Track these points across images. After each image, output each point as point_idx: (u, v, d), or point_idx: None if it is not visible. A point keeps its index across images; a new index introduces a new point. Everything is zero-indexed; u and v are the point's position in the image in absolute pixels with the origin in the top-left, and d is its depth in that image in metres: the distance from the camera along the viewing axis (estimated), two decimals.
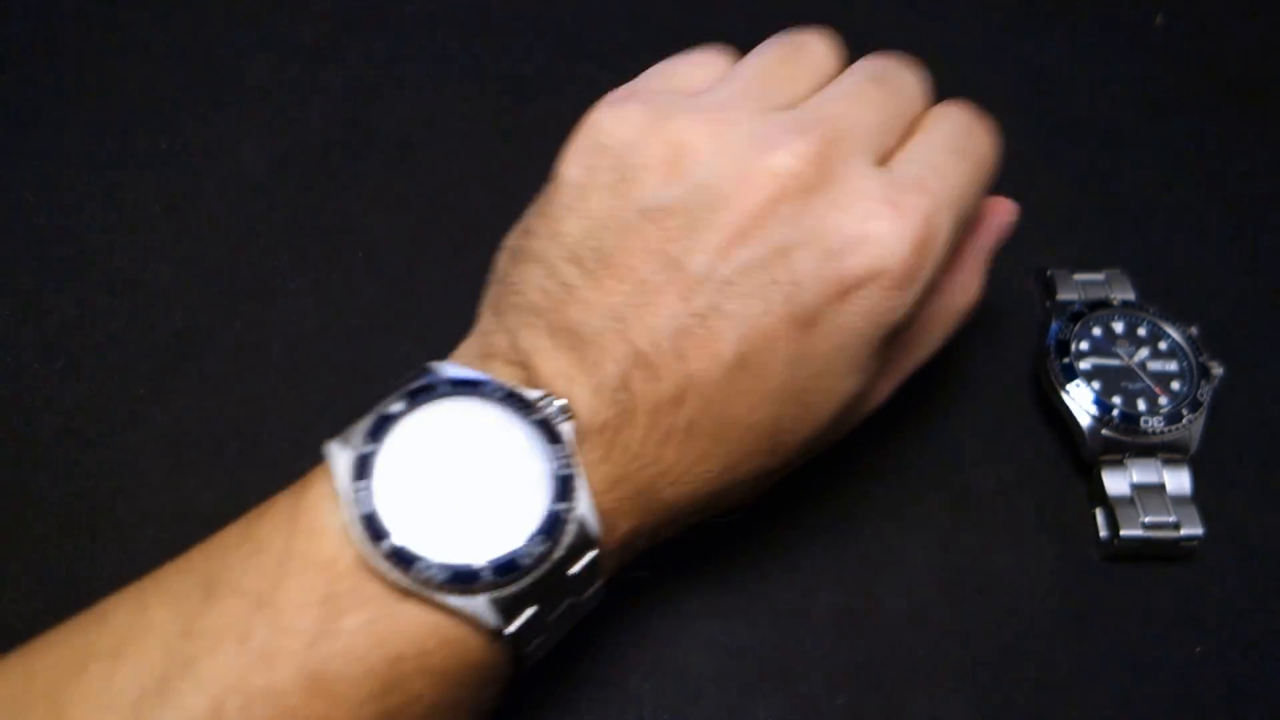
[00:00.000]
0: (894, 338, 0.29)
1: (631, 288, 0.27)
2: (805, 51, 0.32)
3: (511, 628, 0.24)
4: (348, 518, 0.23)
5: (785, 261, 0.27)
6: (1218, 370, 0.38)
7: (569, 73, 0.46)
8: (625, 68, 0.47)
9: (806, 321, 0.27)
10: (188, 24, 0.45)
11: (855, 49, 0.49)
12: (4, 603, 0.33)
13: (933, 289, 0.30)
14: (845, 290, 0.27)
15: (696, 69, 0.32)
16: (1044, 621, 0.35)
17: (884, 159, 0.30)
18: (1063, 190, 0.45)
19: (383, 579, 0.23)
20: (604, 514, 0.26)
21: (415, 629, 0.23)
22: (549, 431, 0.25)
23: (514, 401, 0.25)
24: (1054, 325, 0.39)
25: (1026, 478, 0.38)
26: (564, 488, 0.24)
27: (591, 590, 0.26)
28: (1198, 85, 0.50)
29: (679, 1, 0.50)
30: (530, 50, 0.47)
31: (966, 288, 0.33)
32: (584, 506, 0.25)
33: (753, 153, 0.27)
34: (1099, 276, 0.41)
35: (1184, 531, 0.35)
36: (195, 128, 0.42)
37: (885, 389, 0.32)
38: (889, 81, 0.31)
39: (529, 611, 0.24)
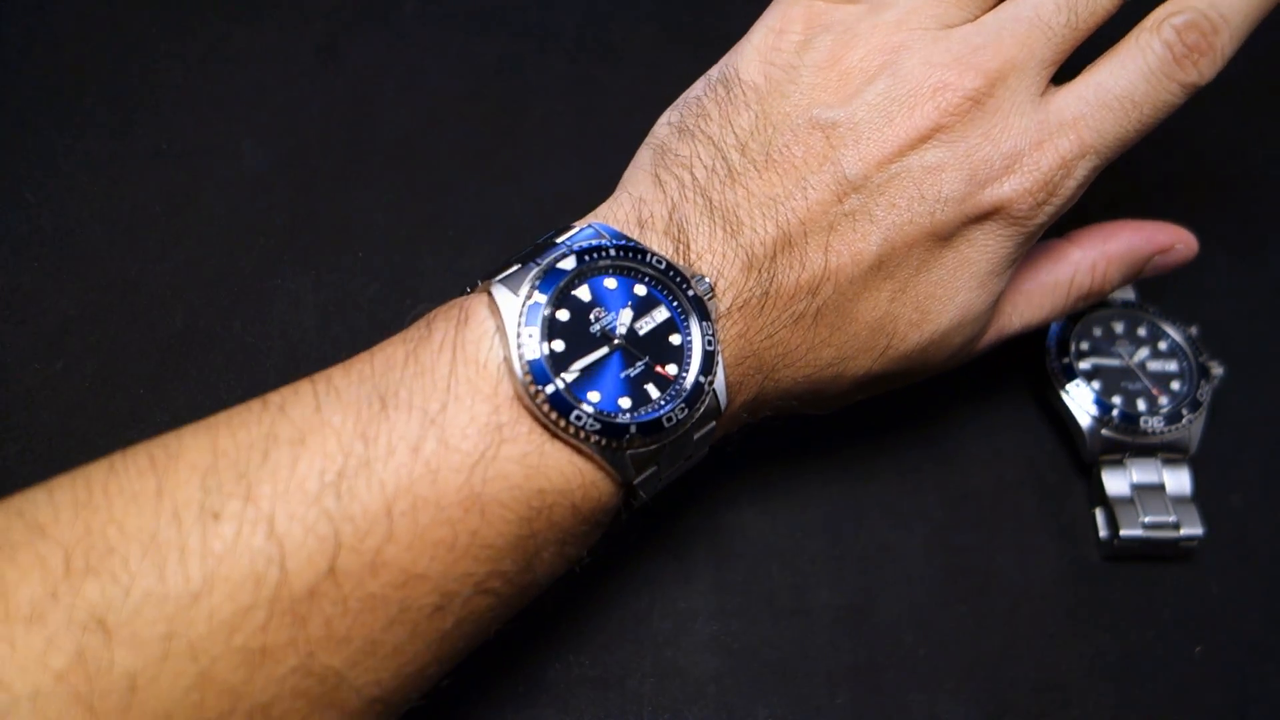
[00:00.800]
0: (1011, 265, 0.32)
1: (792, 183, 0.29)
2: None
3: (638, 480, 0.27)
4: (514, 361, 0.25)
5: (934, 180, 0.30)
6: (1218, 370, 0.38)
7: (569, 73, 0.46)
8: (626, 67, 0.47)
9: (942, 236, 0.30)
10: (187, 24, 0.45)
11: None
12: None
13: (1067, 261, 0.34)
14: (979, 216, 0.30)
15: None
16: (1044, 621, 0.35)
17: (1057, 74, 0.31)
18: None
19: (539, 419, 0.25)
20: (729, 387, 0.28)
21: (561, 467, 0.25)
22: (700, 308, 0.27)
23: (672, 274, 0.27)
24: (1054, 325, 0.39)
25: (1026, 478, 0.38)
26: (708, 362, 0.27)
27: (699, 454, 0.29)
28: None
29: (678, 3, 0.50)
30: (530, 50, 0.47)
31: (1101, 274, 0.36)
32: (719, 380, 0.27)
33: (922, 81, 0.30)
34: None
35: (1184, 531, 0.35)
36: (195, 128, 0.42)
37: (988, 337, 0.34)
38: (1079, 9, 0.32)
39: (651, 469, 0.27)
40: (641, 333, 0.27)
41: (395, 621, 0.24)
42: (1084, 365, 0.38)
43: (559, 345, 0.26)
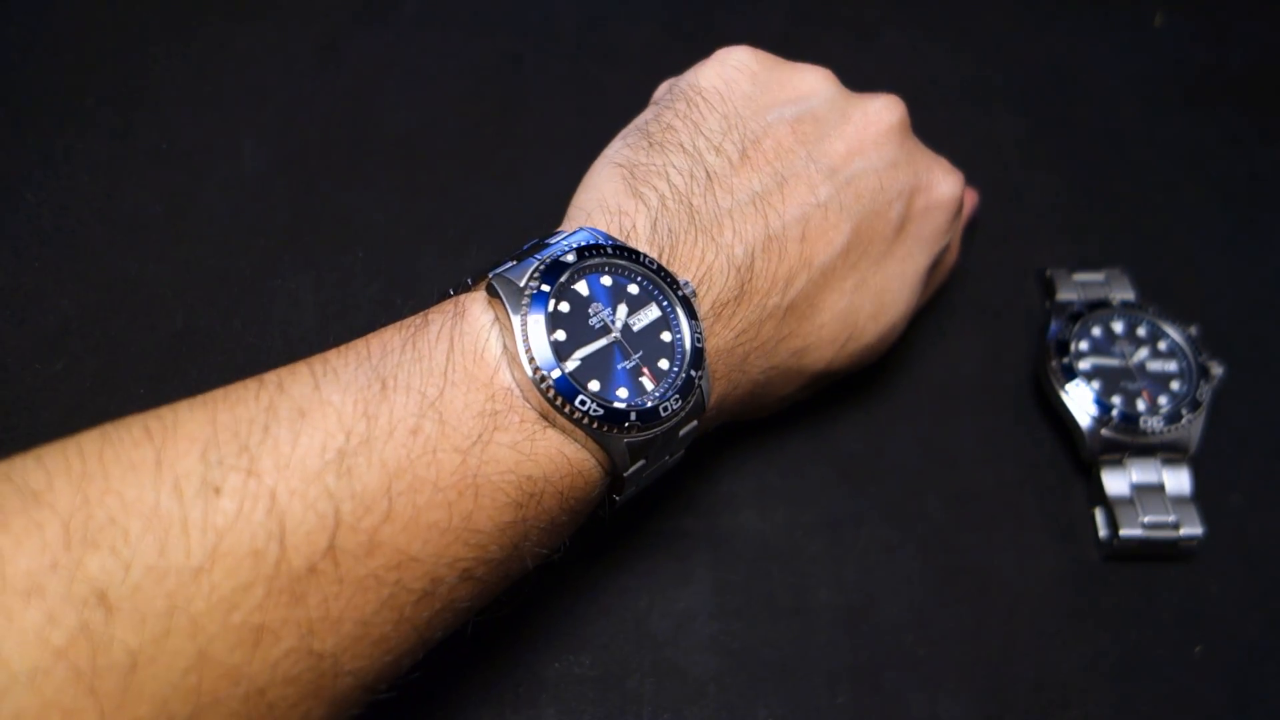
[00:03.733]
0: (934, 265, 0.36)
1: (767, 177, 0.32)
2: None
3: (628, 472, 0.27)
4: (520, 346, 0.25)
5: (893, 174, 0.34)
6: (1218, 370, 0.38)
7: (569, 72, 0.46)
8: (626, 67, 0.47)
9: (898, 225, 0.34)
10: (187, 24, 0.45)
11: (856, 46, 0.50)
12: None
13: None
14: (928, 208, 0.35)
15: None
16: (1044, 621, 0.35)
17: None
18: (1063, 190, 0.45)
19: (534, 406, 0.26)
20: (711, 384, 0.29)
21: (553, 454, 0.26)
22: (689, 307, 0.28)
23: (663, 275, 0.28)
24: (1054, 325, 0.39)
25: (1026, 478, 0.38)
26: (698, 357, 0.28)
27: (678, 455, 0.30)
28: (1198, 85, 0.50)
29: (678, 3, 0.50)
30: (530, 50, 0.47)
31: (953, 249, 0.40)
32: (706, 378, 0.28)
33: (865, 96, 0.35)
34: (1099, 276, 0.41)
35: (1184, 531, 0.35)
36: (195, 128, 0.42)
37: (903, 325, 0.37)
38: None
39: (640, 462, 0.28)
40: (636, 328, 0.28)
41: (385, 605, 0.24)
42: (1084, 365, 0.38)
43: (560, 335, 0.26)
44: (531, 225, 0.42)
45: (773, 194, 0.31)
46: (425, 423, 0.24)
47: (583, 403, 0.26)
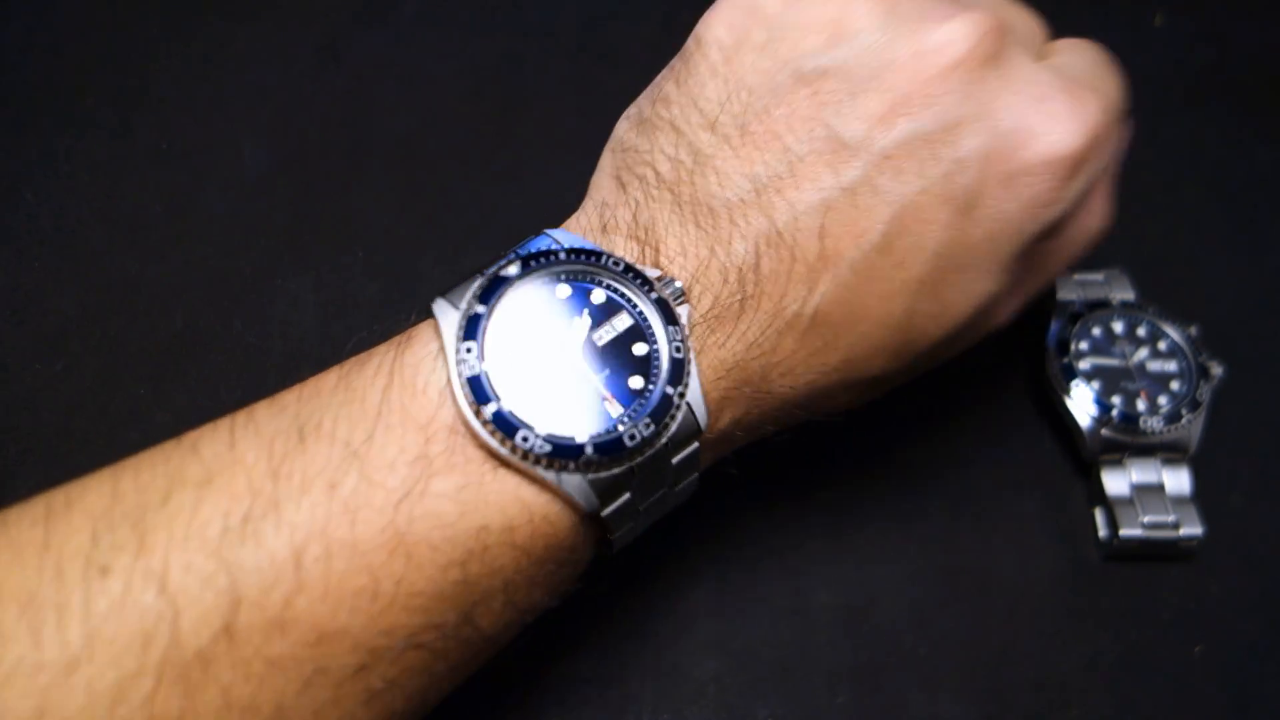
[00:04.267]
0: (1043, 241, 0.27)
1: (774, 157, 0.25)
2: None
3: (606, 511, 0.23)
4: (453, 378, 0.22)
5: (951, 137, 0.25)
6: (1218, 370, 0.38)
7: (569, 73, 0.46)
8: (626, 67, 0.47)
9: (964, 205, 0.25)
10: (187, 24, 0.45)
11: None
12: None
13: (1085, 197, 0.28)
14: (1011, 175, 0.25)
15: None
16: (1044, 621, 0.35)
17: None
18: None
19: (479, 445, 0.22)
20: (711, 402, 0.25)
21: (505, 501, 0.22)
22: (666, 312, 0.24)
23: (632, 276, 0.24)
24: (1054, 325, 0.39)
25: (1026, 478, 0.38)
26: (677, 371, 0.23)
27: (686, 482, 0.25)
28: (1198, 85, 0.50)
29: (678, 3, 0.50)
30: (530, 50, 0.47)
31: (1099, 211, 0.31)
32: (694, 393, 0.24)
33: (927, 18, 0.25)
34: (1099, 276, 0.41)
35: (1184, 531, 0.35)
36: (195, 128, 0.42)
37: (1011, 306, 0.30)
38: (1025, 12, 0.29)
39: (623, 497, 0.23)
40: (601, 343, 0.24)
41: (310, 684, 0.21)
42: (1084, 365, 0.38)
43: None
44: (532, 225, 0.42)
45: (781, 178, 0.25)
46: (346, 477, 0.21)
47: (525, 439, 0.22)
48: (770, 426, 0.28)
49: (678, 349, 0.24)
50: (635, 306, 0.24)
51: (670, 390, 0.23)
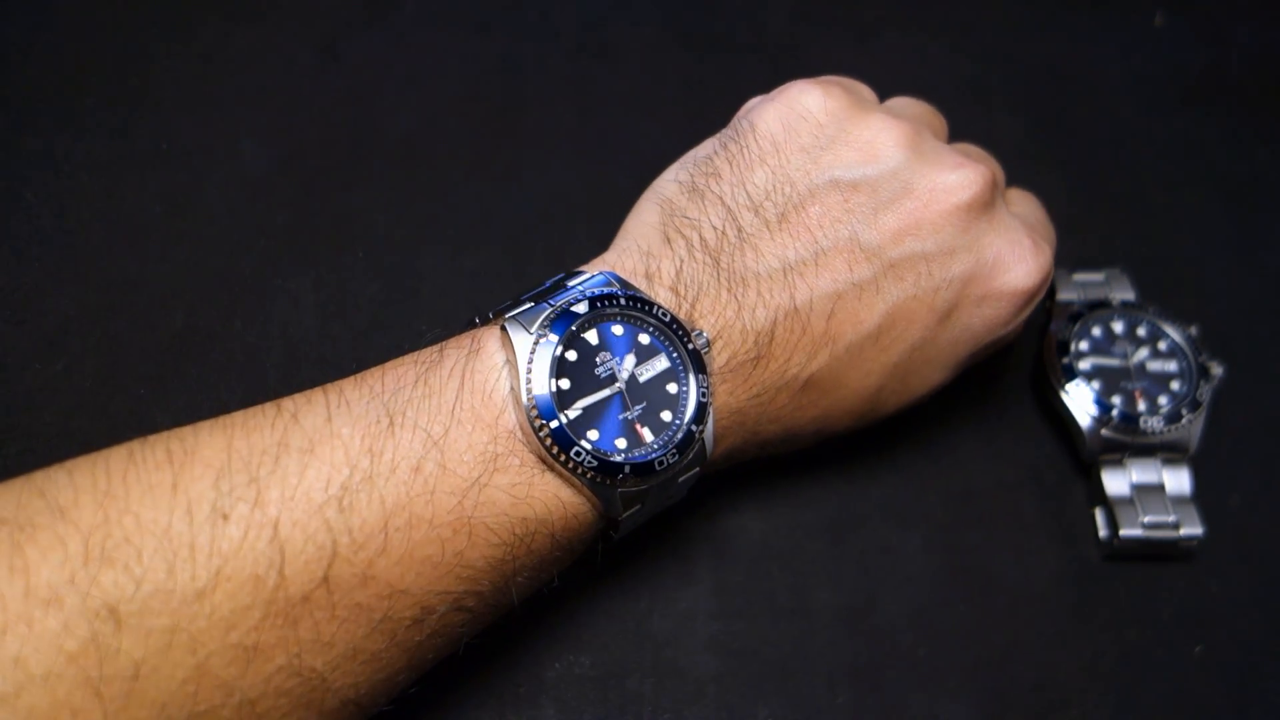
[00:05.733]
0: (984, 349, 0.34)
1: (804, 246, 0.30)
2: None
3: (623, 516, 0.28)
4: (523, 394, 0.26)
5: (945, 260, 0.31)
6: (1218, 370, 0.38)
7: (569, 73, 0.46)
8: (626, 67, 0.47)
9: (943, 314, 0.31)
10: (187, 24, 0.45)
11: (856, 47, 0.50)
12: None
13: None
14: (984, 297, 0.32)
15: (865, 90, 0.36)
16: (1044, 621, 0.35)
17: None
18: (1063, 190, 0.45)
19: (534, 450, 0.26)
20: (714, 436, 0.29)
21: (548, 498, 0.27)
22: (698, 362, 0.28)
23: (675, 327, 0.28)
24: (1054, 325, 0.39)
25: (1026, 478, 0.38)
26: (700, 412, 0.28)
27: (678, 499, 0.30)
28: (1198, 85, 0.50)
29: (678, 3, 0.50)
30: (530, 50, 0.47)
31: (1016, 330, 0.37)
32: (709, 430, 0.28)
33: (944, 165, 0.32)
34: (1099, 277, 0.41)
35: (1184, 531, 0.35)
36: (195, 128, 0.42)
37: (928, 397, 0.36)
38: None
39: (636, 507, 0.28)
40: (642, 379, 0.28)
41: (376, 630, 0.25)
42: (1084, 365, 0.38)
43: (565, 383, 0.27)
44: (532, 225, 0.42)
45: (806, 264, 0.30)
46: (427, 462, 0.25)
47: (578, 454, 0.26)
48: (741, 458, 0.33)
49: (703, 394, 0.28)
50: (673, 352, 0.28)
51: (694, 429, 0.28)
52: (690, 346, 0.28)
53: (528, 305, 0.28)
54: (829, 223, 0.30)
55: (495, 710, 0.32)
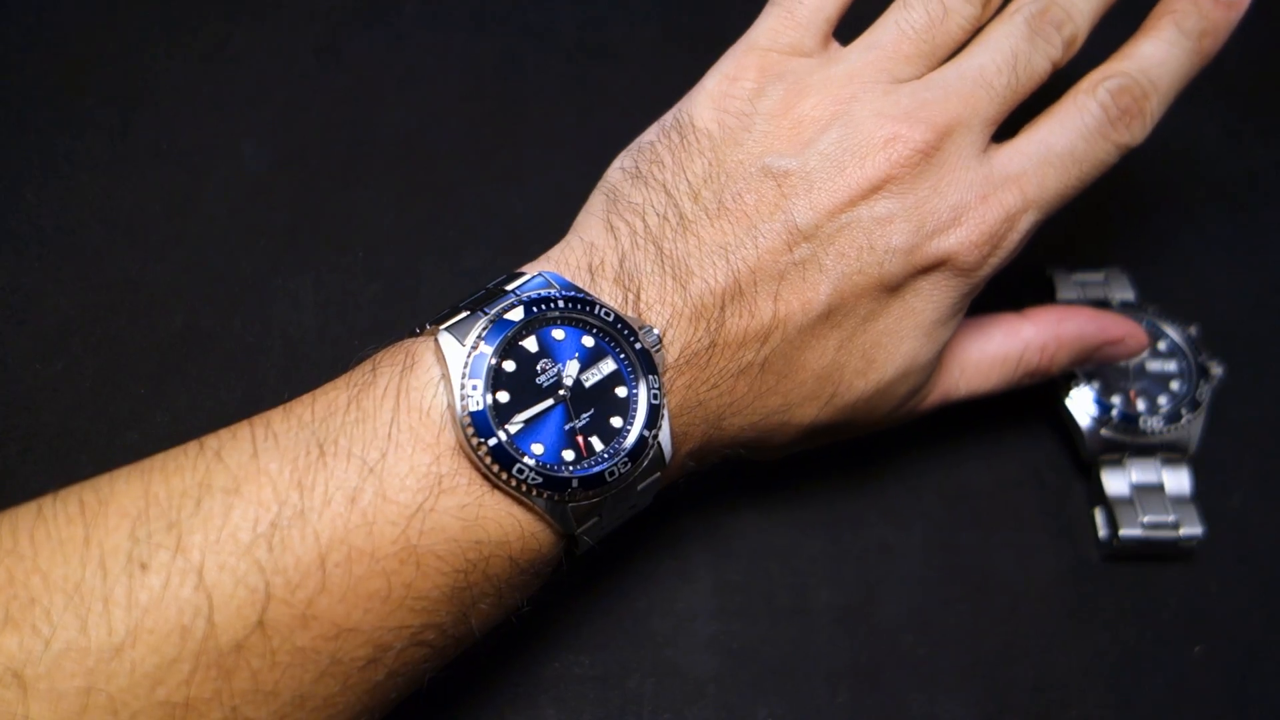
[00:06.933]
0: (956, 316, 0.33)
1: (744, 231, 0.30)
2: (948, 18, 0.33)
3: (579, 530, 0.26)
4: (458, 412, 0.25)
5: (883, 230, 0.30)
6: (1218, 370, 0.38)
7: (569, 73, 0.46)
8: (626, 67, 0.47)
9: (890, 286, 0.30)
10: (187, 24, 0.45)
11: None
12: None
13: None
14: (926, 267, 0.31)
15: (810, 39, 0.33)
16: (1044, 621, 0.35)
17: (1000, 132, 0.32)
18: None
19: (478, 469, 0.25)
20: (674, 437, 0.28)
21: (500, 518, 0.25)
22: (647, 361, 0.27)
23: (620, 327, 0.27)
24: None
25: (1026, 478, 0.38)
26: (653, 416, 0.27)
27: (643, 505, 0.29)
28: (1197, 85, 0.49)
29: (678, 3, 0.50)
30: (530, 50, 0.47)
31: (1049, 354, 0.35)
32: (664, 434, 0.27)
33: (874, 132, 0.30)
34: (1099, 276, 0.41)
35: (1184, 531, 0.35)
36: (195, 128, 0.42)
37: (933, 398, 0.34)
38: (1030, 58, 0.33)
39: (593, 520, 0.27)
40: (588, 385, 0.27)
41: (325, 674, 0.23)
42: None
43: (504, 396, 0.25)
44: (532, 225, 0.42)
45: (747, 250, 0.29)
46: (364, 491, 0.24)
47: (520, 471, 0.25)
48: (715, 459, 0.32)
49: (655, 395, 0.27)
50: (620, 353, 0.27)
51: (646, 433, 0.26)
52: (639, 346, 0.27)
53: (463, 315, 0.26)
54: (765, 207, 0.30)
55: (495, 710, 0.32)
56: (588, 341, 0.27)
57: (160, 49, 0.44)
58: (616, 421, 0.27)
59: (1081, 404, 0.37)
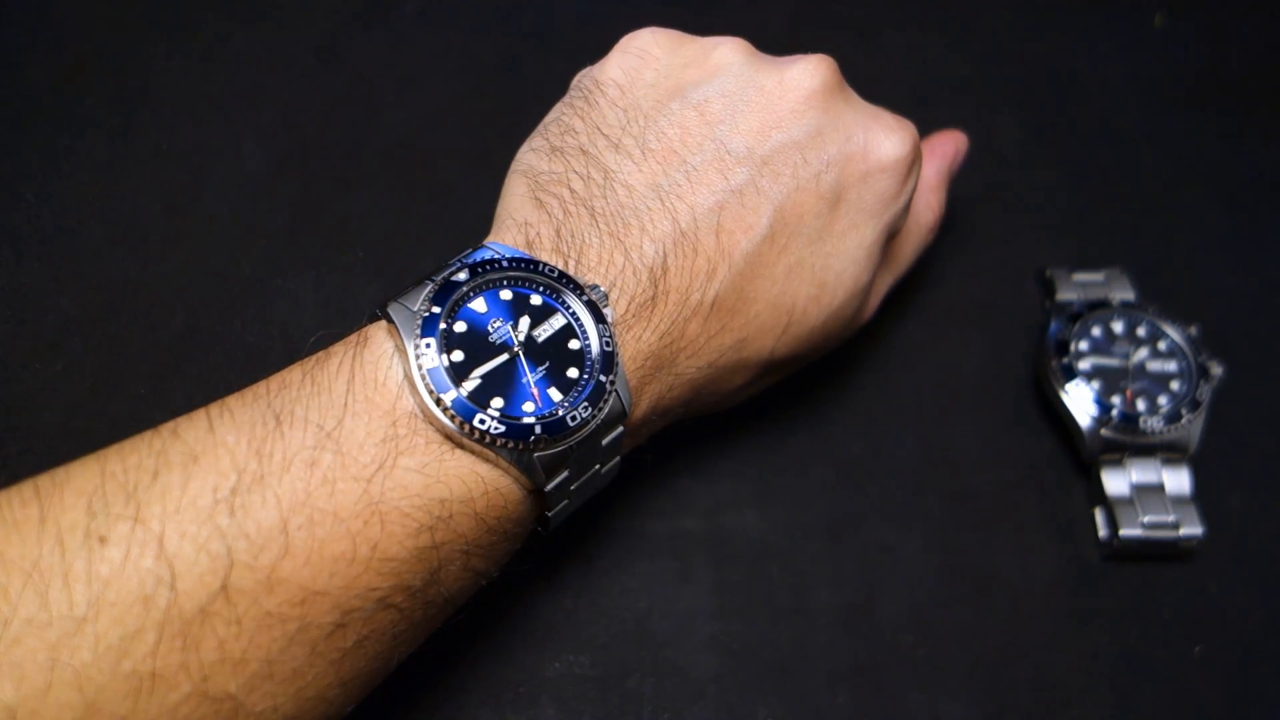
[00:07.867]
0: (891, 235, 0.34)
1: (674, 168, 0.30)
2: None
3: (548, 486, 0.26)
4: (414, 372, 0.25)
5: (817, 144, 0.31)
6: (1218, 370, 0.38)
7: (569, 73, 0.46)
8: None
9: (832, 199, 0.31)
10: (187, 24, 0.45)
11: (856, 46, 0.50)
12: None
13: (914, 195, 0.35)
14: (867, 173, 0.31)
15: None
16: (1044, 621, 0.35)
17: None
18: (1063, 190, 0.45)
19: (439, 428, 0.25)
20: (631, 389, 0.28)
21: (464, 474, 0.25)
22: (595, 312, 0.27)
23: (565, 281, 0.27)
24: (1054, 325, 0.39)
25: (1026, 478, 0.38)
26: (607, 362, 0.27)
27: (610, 464, 0.29)
28: (1198, 85, 0.50)
29: (678, 3, 0.50)
30: (530, 50, 0.47)
31: (931, 205, 0.38)
32: (621, 383, 0.27)
33: (785, 61, 0.32)
34: (1098, 276, 0.41)
35: (1184, 531, 0.35)
36: (195, 128, 0.42)
37: (872, 304, 0.36)
38: None
39: (562, 475, 0.27)
40: (540, 339, 0.27)
41: (294, 640, 0.23)
42: (1084, 365, 0.38)
43: (458, 355, 0.26)
44: None
45: (680, 186, 0.29)
46: (323, 455, 0.24)
47: (482, 421, 0.25)
48: (681, 410, 0.32)
49: (607, 343, 0.27)
50: (569, 308, 0.27)
51: (603, 379, 0.27)
52: (585, 298, 0.27)
53: (410, 290, 0.27)
54: (692, 140, 0.30)
55: (495, 710, 0.32)
56: (535, 300, 0.27)
57: (160, 49, 0.44)
58: (573, 373, 0.27)
59: (1081, 404, 0.37)
